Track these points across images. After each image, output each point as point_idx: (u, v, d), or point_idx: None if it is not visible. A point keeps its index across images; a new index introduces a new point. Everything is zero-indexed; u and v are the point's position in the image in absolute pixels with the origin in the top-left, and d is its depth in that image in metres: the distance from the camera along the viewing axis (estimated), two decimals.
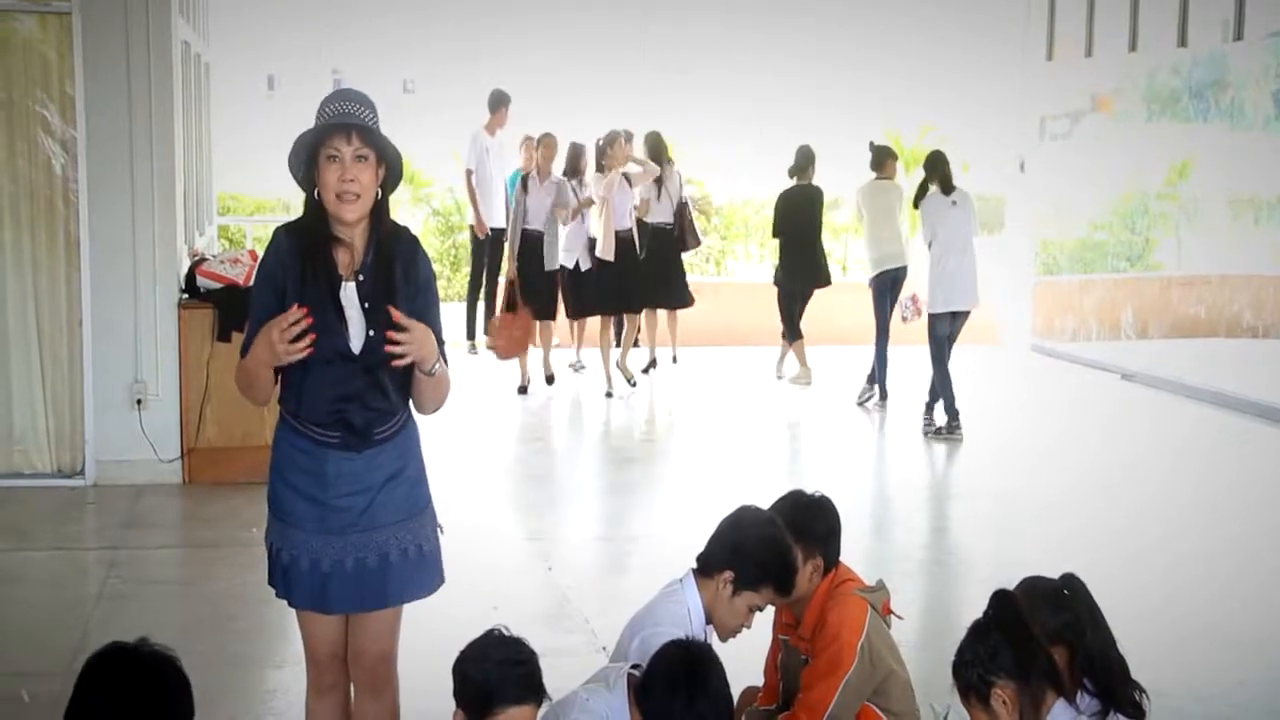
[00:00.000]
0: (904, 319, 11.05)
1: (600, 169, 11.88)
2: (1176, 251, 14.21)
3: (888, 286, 11.64)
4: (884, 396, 11.65)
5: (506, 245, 12.20)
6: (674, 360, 13.24)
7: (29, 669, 5.63)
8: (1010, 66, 16.70)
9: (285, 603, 4.07)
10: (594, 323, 12.62)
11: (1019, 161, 15.99)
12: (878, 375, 11.67)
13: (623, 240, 11.90)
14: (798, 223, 12.49)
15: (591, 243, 11.97)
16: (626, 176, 11.98)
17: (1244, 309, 12.85)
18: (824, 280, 12.69)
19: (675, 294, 12.82)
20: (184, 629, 6.23)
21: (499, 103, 13.88)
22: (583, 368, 13.01)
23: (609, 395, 11.79)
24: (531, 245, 11.76)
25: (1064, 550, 7.61)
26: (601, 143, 11.93)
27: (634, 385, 12.12)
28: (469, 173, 13.79)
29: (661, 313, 12.98)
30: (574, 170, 12.21)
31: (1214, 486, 9.50)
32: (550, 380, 12.05)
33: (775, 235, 12.83)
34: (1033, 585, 4.05)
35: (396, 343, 3.75)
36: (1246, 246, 12.76)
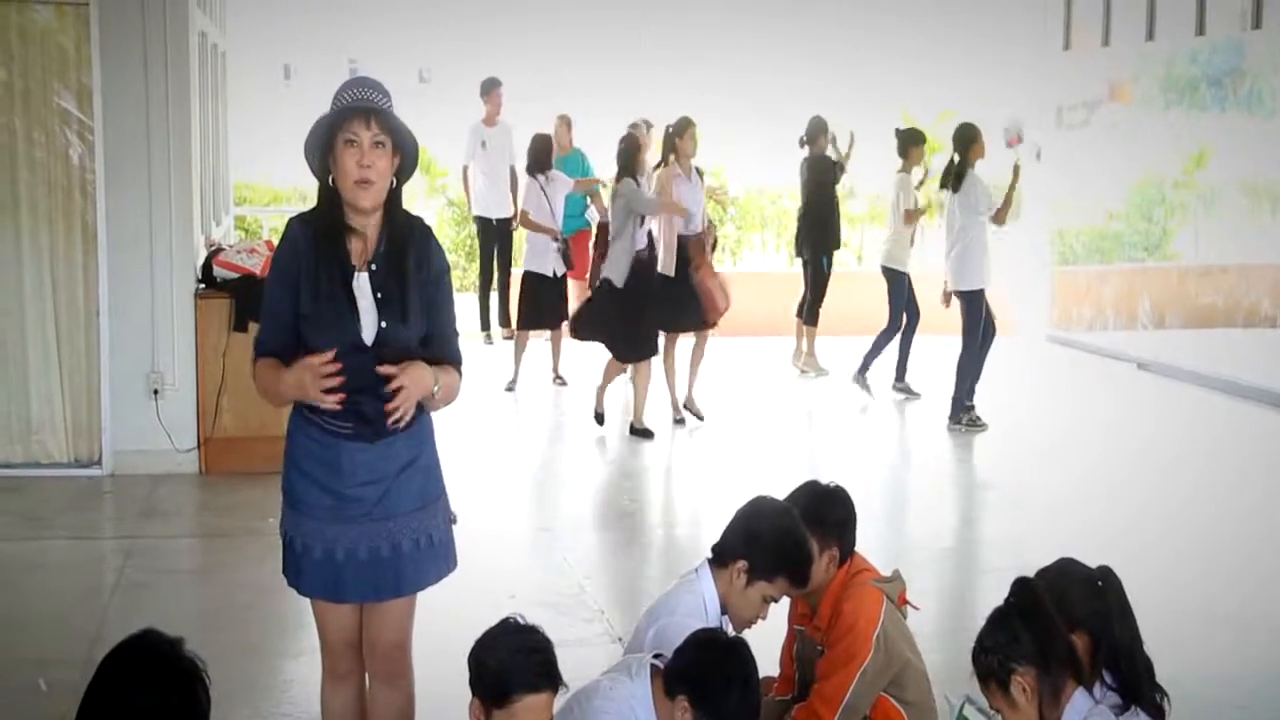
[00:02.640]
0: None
1: (665, 162, 10.26)
2: (1194, 241, 14.15)
3: (890, 280, 11.68)
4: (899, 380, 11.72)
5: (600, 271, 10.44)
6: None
7: (46, 657, 5.65)
8: (1027, 55, 16.65)
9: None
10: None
11: (1035, 150, 15.94)
12: (898, 365, 11.71)
13: (683, 248, 10.13)
14: (805, 192, 12.47)
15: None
16: (699, 170, 10.56)
17: (1262, 298, 12.81)
18: (825, 246, 12.42)
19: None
20: (200, 618, 6.25)
21: (486, 89, 13.75)
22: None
23: (679, 422, 10.47)
24: (647, 266, 9.94)
25: (1080, 539, 7.57)
26: (671, 130, 10.33)
27: (702, 419, 10.56)
28: (464, 168, 13.84)
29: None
30: (542, 166, 11.75)
31: (1231, 476, 9.46)
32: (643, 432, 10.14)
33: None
34: (1067, 567, 4.05)
35: (395, 395, 3.76)
36: (1264, 236, 12.71)
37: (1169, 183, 14.09)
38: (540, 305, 11.73)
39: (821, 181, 12.38)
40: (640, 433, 10.08)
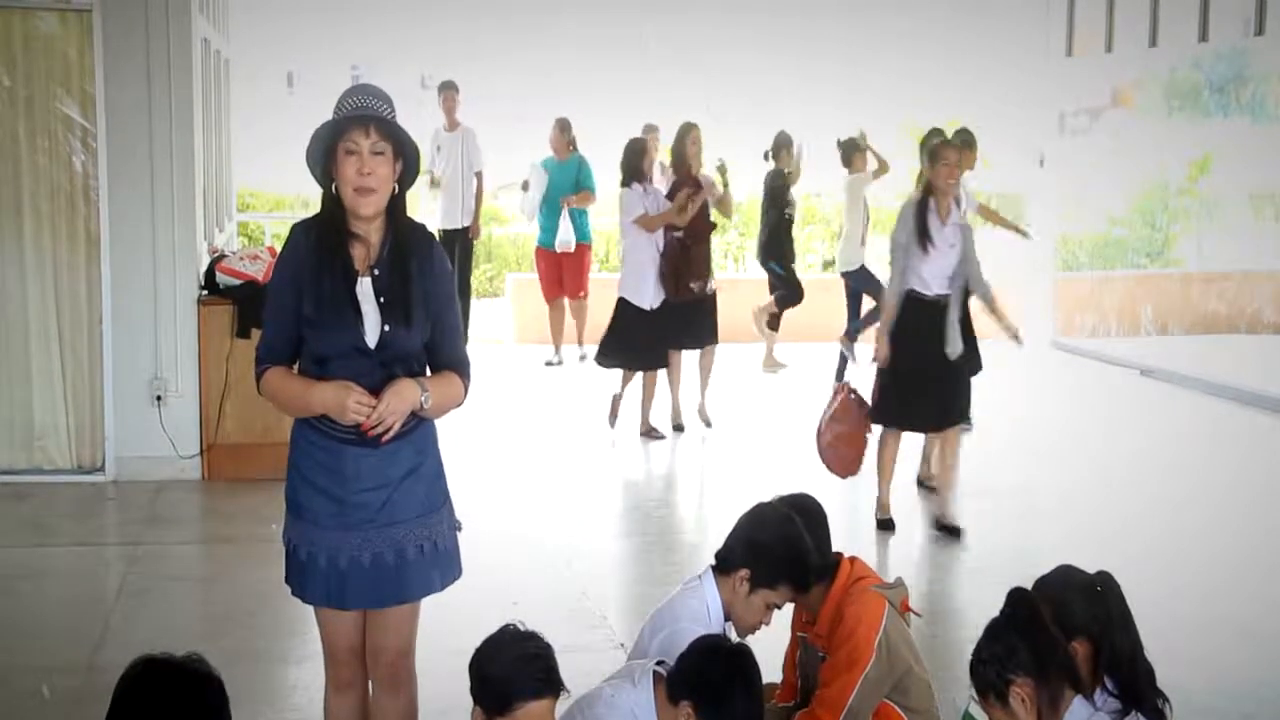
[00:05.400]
0: None
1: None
2: (1197, 248, 14.18)
3: (853, 280, 11.88)
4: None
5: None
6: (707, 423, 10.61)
7: (50, 664, 5.66)
8: (1030, 61, 16.66)
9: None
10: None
11: (1038, 157, 15.95)
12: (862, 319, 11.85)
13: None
14: (762, 207, 12.57)
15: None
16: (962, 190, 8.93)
17: (1265, 305, 12.83)
18: (776, 257, 12.56)
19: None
20: (204, 625, 6.27)
21: (440, 92, 13.30)
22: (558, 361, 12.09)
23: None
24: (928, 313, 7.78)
25: (1083, 547, 7.57)
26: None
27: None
28: (430, 175, 13.17)
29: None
30: (638, 175, 10.04)
31: (1233, 482, 9.46)
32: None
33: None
34: (1067, 575, 4.06)
35: (375, 427, 3.79)
36: (1268, 242, 12.73)
37: (1172, 189, 14.12)
38: (635, 343, 10.05)
39: (773, 198, 12.43)
40: (947, 530, 7.94)
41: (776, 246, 12.55)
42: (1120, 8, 14.65)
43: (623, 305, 10.06)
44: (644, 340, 9.97)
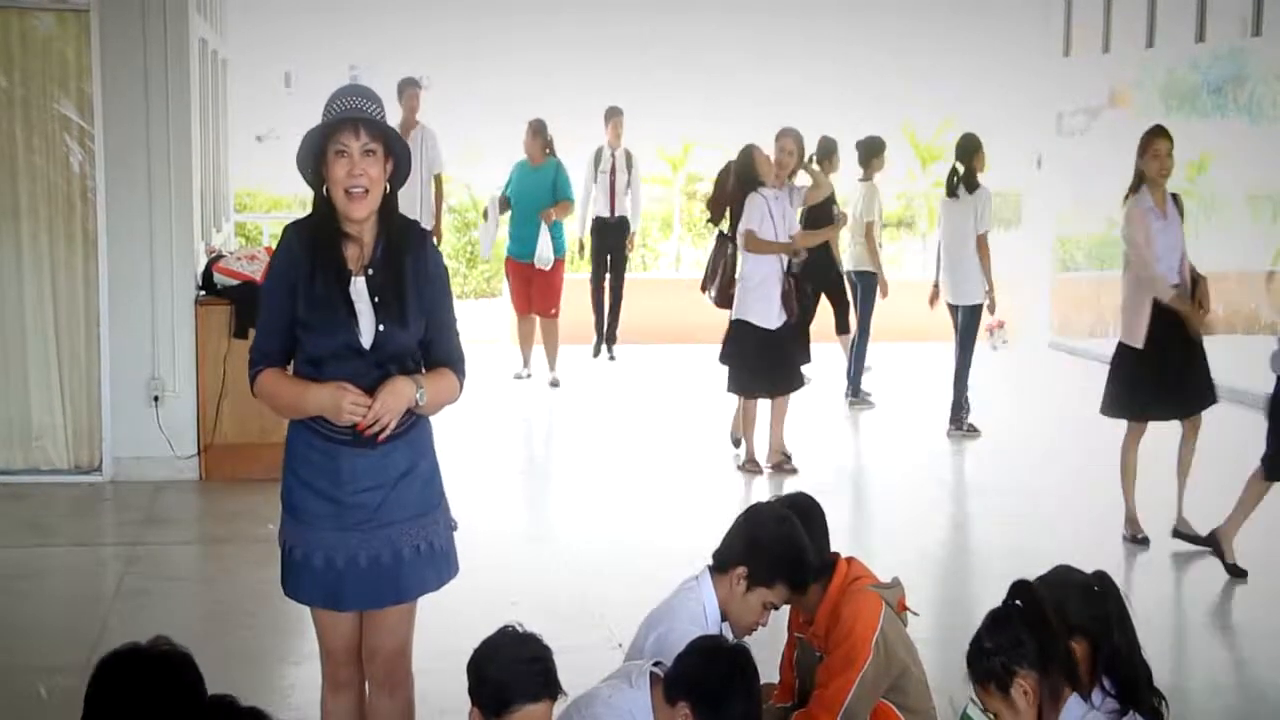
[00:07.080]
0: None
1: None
2: (1194, 248, 14.17)
3: (860, 284, 11.69)
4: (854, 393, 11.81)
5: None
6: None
7: (47, 664, 5.65)
8: (1028, 62, 16.66)
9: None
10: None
11: (1036, 157, 15.95)
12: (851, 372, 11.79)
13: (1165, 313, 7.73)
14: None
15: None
16: (1175, 197, 8.38)
17: (1262, 305, 12.81)
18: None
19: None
20: (201, 625, 6.26)
21: (400, 91, 11.94)
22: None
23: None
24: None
25: (1082, 546, 7.58)
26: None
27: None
28: None
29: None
30: (755, 182, 9.04)
31: (1231, 483, 9.44)
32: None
33: None
34: (1065, 575, 4.07)
35: (370, 426, 3.79)
36: (1265, 243, 12.72)
37: (1169, 190, 14.09)
38: (757, 367, 9.11)
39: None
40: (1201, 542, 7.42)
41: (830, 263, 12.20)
42: (1117, 8, 14.66)
43: (741, 328, 9.09)
44: (768, 364, 9.07)
